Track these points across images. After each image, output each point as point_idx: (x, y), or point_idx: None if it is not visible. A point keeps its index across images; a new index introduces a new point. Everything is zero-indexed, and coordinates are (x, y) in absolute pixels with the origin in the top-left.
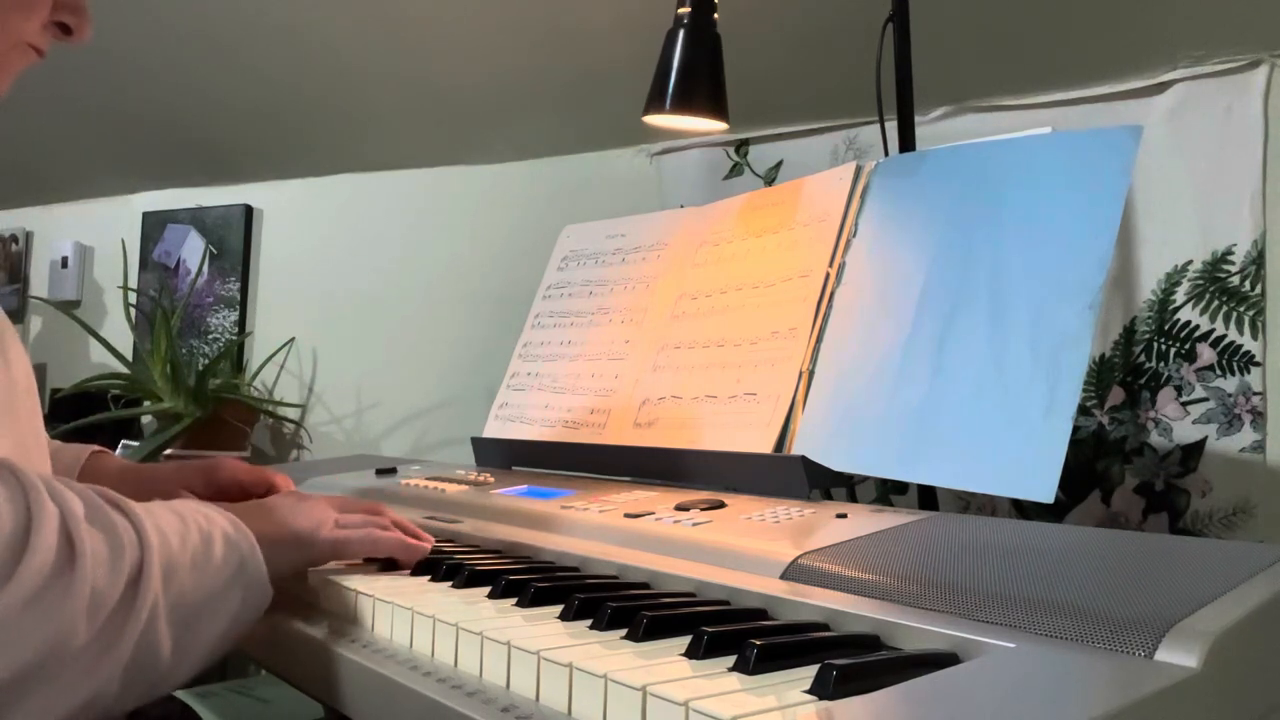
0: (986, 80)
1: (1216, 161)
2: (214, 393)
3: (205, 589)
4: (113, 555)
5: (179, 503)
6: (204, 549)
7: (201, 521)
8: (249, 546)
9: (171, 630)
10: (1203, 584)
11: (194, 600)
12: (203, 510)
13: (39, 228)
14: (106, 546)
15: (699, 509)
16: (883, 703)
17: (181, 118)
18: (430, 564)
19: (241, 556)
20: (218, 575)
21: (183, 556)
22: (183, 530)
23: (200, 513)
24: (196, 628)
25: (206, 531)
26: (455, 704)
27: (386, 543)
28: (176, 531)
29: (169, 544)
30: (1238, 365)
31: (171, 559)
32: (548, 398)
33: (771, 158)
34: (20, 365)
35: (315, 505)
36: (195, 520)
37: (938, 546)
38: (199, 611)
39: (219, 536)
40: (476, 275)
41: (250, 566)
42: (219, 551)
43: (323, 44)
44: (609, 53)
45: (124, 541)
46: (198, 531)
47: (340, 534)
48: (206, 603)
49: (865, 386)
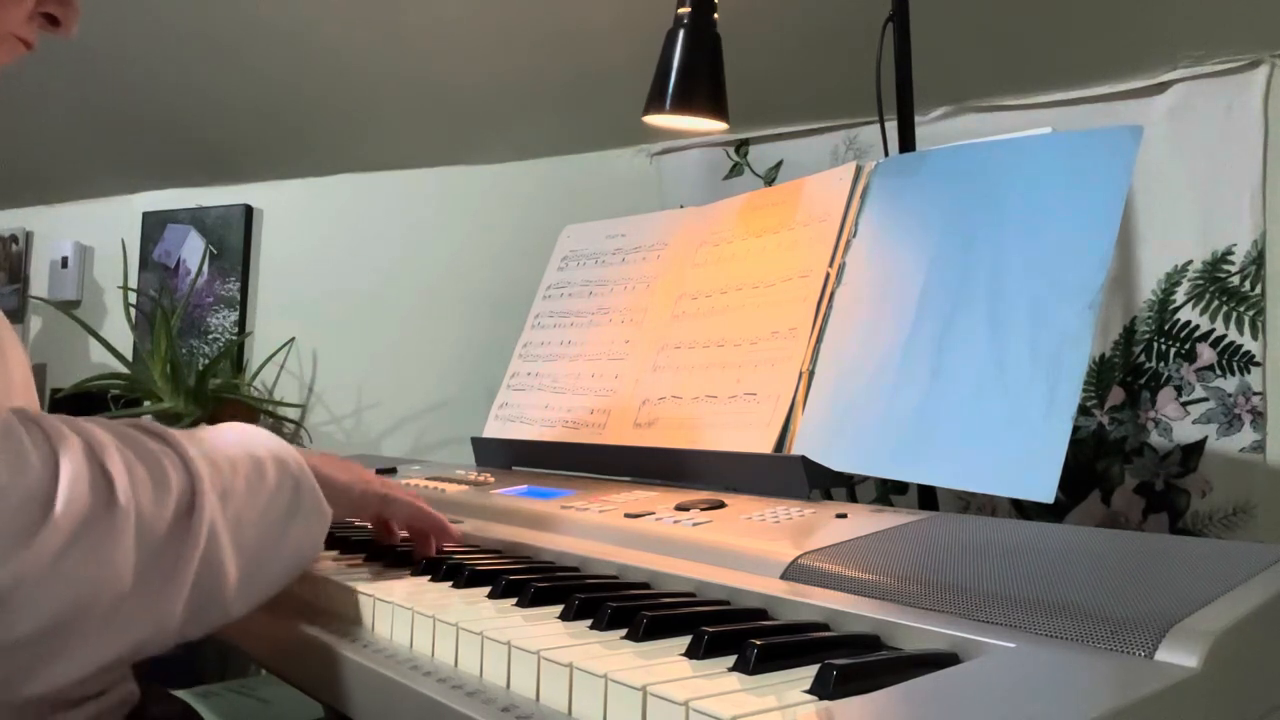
0: (986, 80)
1: (1216, 161)
2: (214, 393)
3: (262, 510)
4: (155, 483)
5: (224, 426)
6: (256, 471)
7: (249, 444)
8: (299, 468)
9: (236, 554)
10: (1203, 584)
11: (253, 522)
12: (248, 432)
13: (39, 228)
14: (147, 475)
15: (699, 509)
16: (883, 703)
17: (181, 118)
18: (430, 564)
19: (295, 479)
20: (274, 496)
21: (235, 478)
22: (231, 453)
23: (247, 434)
24: (260, 549)
25: (256, 454)
26: (455, 704)
27: (431, 516)
28: (224, 455)
29: (219, 466)
30: (1238, 365)
31: (224, 480)
32: (548, 398)
33: (771, 158)
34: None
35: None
36: (242, 443)
37: (938, 546)
38: (260, 532)
39: (269, 459)
40: (476, 275)
41: (305, 488)
42: (271, 473)
43: (323, 44)
44: (609, 53)
45: (167, 467)
46: (246, 454)
47: (387, 490)
48: (266, 524)
49: (865, 386)
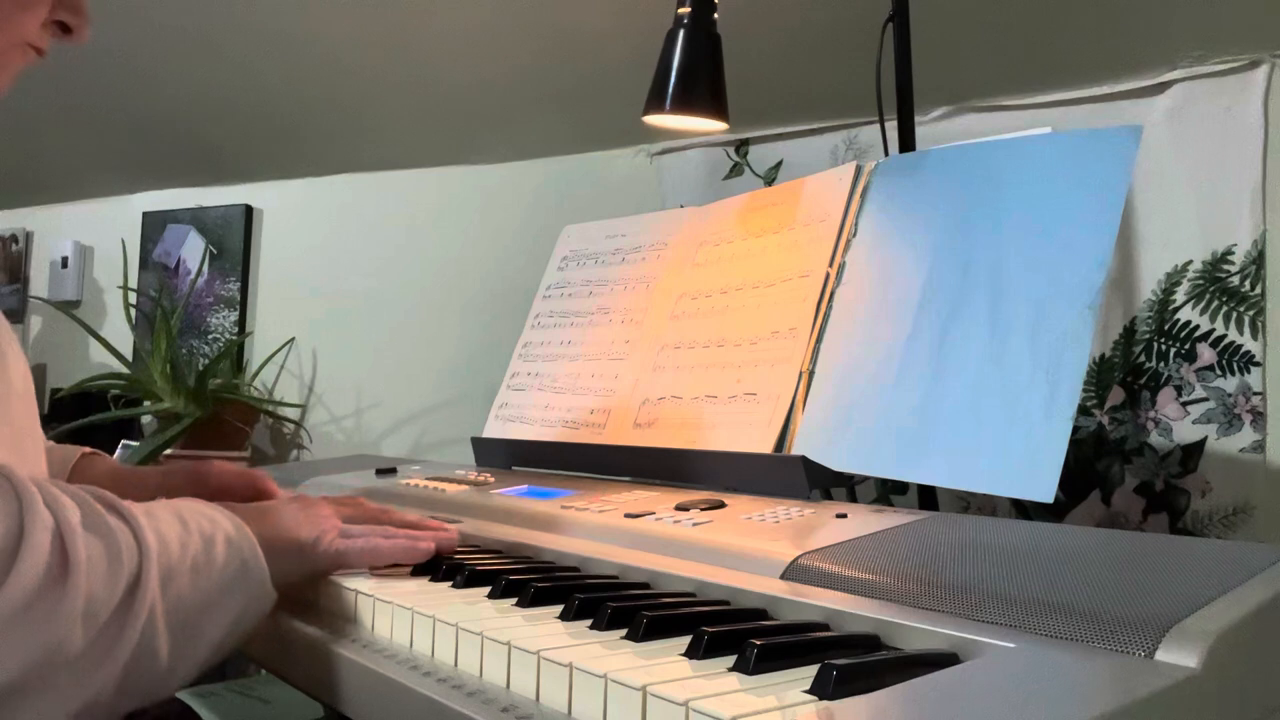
0: (986, 80)
1: (1216, 161)
2: (214, 393)
3: (204, 593)
4: (110, 562)
5: (182, 503)
6: (205, 552)
7: (204, 524)
8: (251, 550)
9: (169, 635)
10: (1203, 584)
11: (192, 604)
12: (205, 512)
13: (39, 228)
14: (104, 553)
15: (699, 509)
16: (883, 703)
17: (181, 118)
18: (430, 564)
19: (243, 559)
20: (218, 579)
21: (183, 561)
22: (183, 534)
23: (203, 514)
24: (196, 632)
25: (209, 534)
26: (455, 704)
27: (389, 551)
28: (177, 535)
29: (169, 548)
30: (1238, 365)
31: (170, 564)
32: (548, 398)
33: (771, 158)
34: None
35: (319, 513)
36: (197, 522)
37: (938, 546)
38: (198, 616)
39: (221, 539)
40: (476, 275)
41: (252, 569)
42: (220, 555)
43: (323, 44)
44: (609, 53)
45: (121, 547)
46: (199, 534)
47: (341, 544)
48: (206, 607)
49: (865, 386)
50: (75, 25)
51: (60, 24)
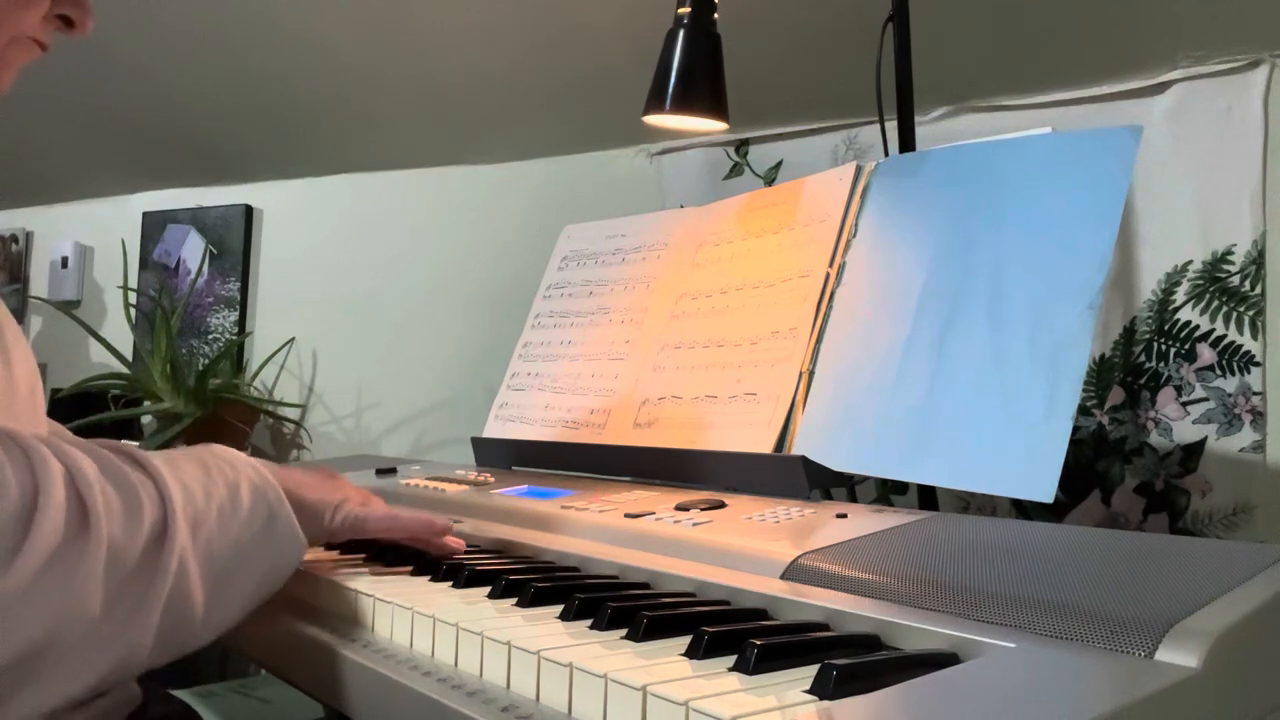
0: (986, 80)
1: (1216, 161)
2: (214, 393)
3: (234, 539)
4: (129, 512)
5: (202, 449)
6: (230, 499)
7: (227, 470)
8: (276, 497)
9: (204, 582)
10: (1203, 584)
11: (223, 550)
12: (226, 458)
13: (39, 228)
14: (121, 503)
15: (699, 509)
16: (883, 703)
17: (181, 118)
18: (430, 564)
19: (270, 507)
20: (246, 524)
21: (209, 507)
22: (206, 480)
23: (225, 460)
24: (229, 577)
25: (232, 480)
26: (455, 704)
27: (409, 522)
28: (200, 482)
29: (193, 495)
30: (1238, 365)
31: (197, 510)
32: (548, 398)
33: (771, 158)
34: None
35: (341, 482)
36: (219, 468)
37: (938, 546)
38: (231, 562)
39: (245, 485)
40: (476, 275)
41: (280, 517)
42: (246, 501)
43: (323, 44)
44: (609, 53)
45: (142, 496)
46: (223, 481)
47: (362, 510)
48: (237, 552)
49: (865, 386)
50: (77, 18)
51: (62, 18)
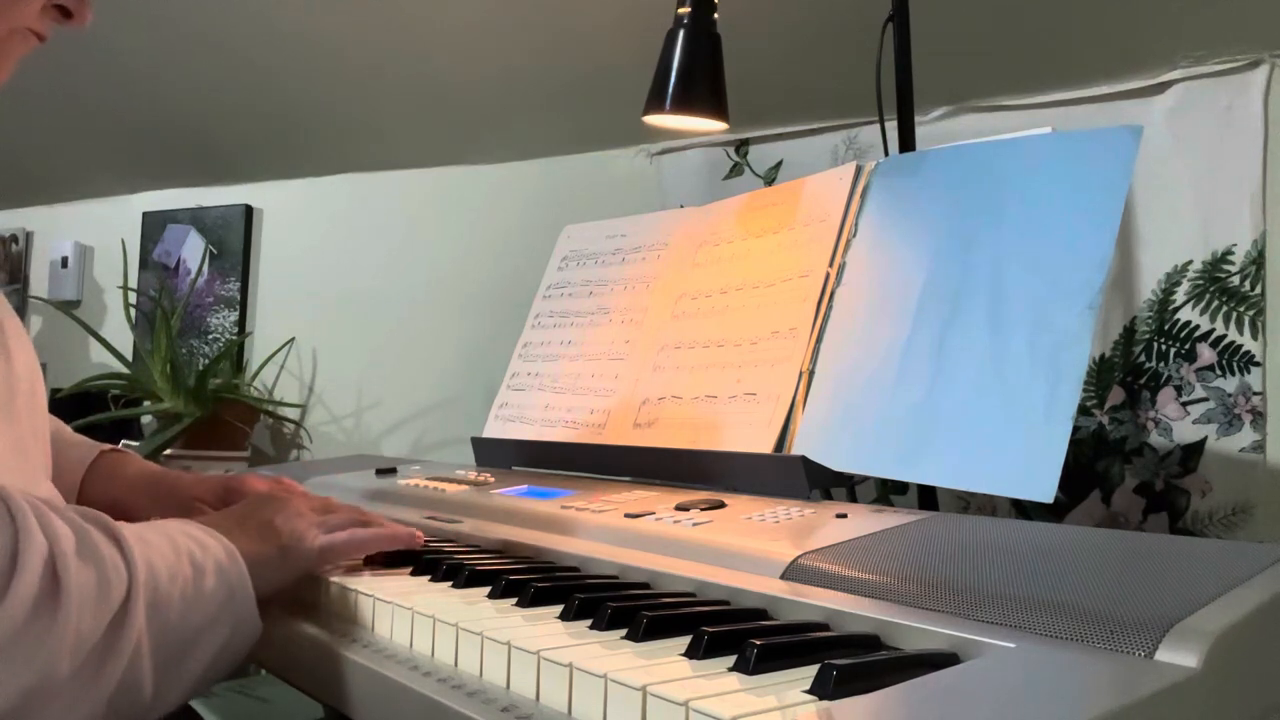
0: (986, 80)
1: (1216, 161)
2: (214, 393)
3: (192, 623)
4: (100, 591)
5: (175, 526)
6: (195, 581)
7: (195, 552)
8: (239, 579)
9: (154, 665)
10: (1203, 584)
11: (178, 635)
12: (197, 537)
13: (39, 228)
14: (94, 582)
15: (699, 509)
16: (883, 703)
17: (181, 118)
18: (430, 564)
19: (231, 588)
20: (206, 608)
21: (171, 589)
22: (174, 562)
23: (195, 540)
24: (180, 663)
25: (200, 563)
26: (455, 704)
27: (373, 540)
28: (167, 564)
29: (158, 577)
30: (1238, 365)
31: (159, 593)
32: (548, 398)
33: (771, 158)
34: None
35: (298, 512)
36: (189, 550)
37: (938, 546)
38: (184, 647)
39: (211, 569)
40: (476, 275)
41: (239, 598)
42: (210, 584)
43: (323, 44)
44: (609, 53)
45: (111, 576)
46: (190, 563)
47: (325, 540)
48: (192, 638)
49: (865, 386)
50: (75, 9)
51: (60, 8)
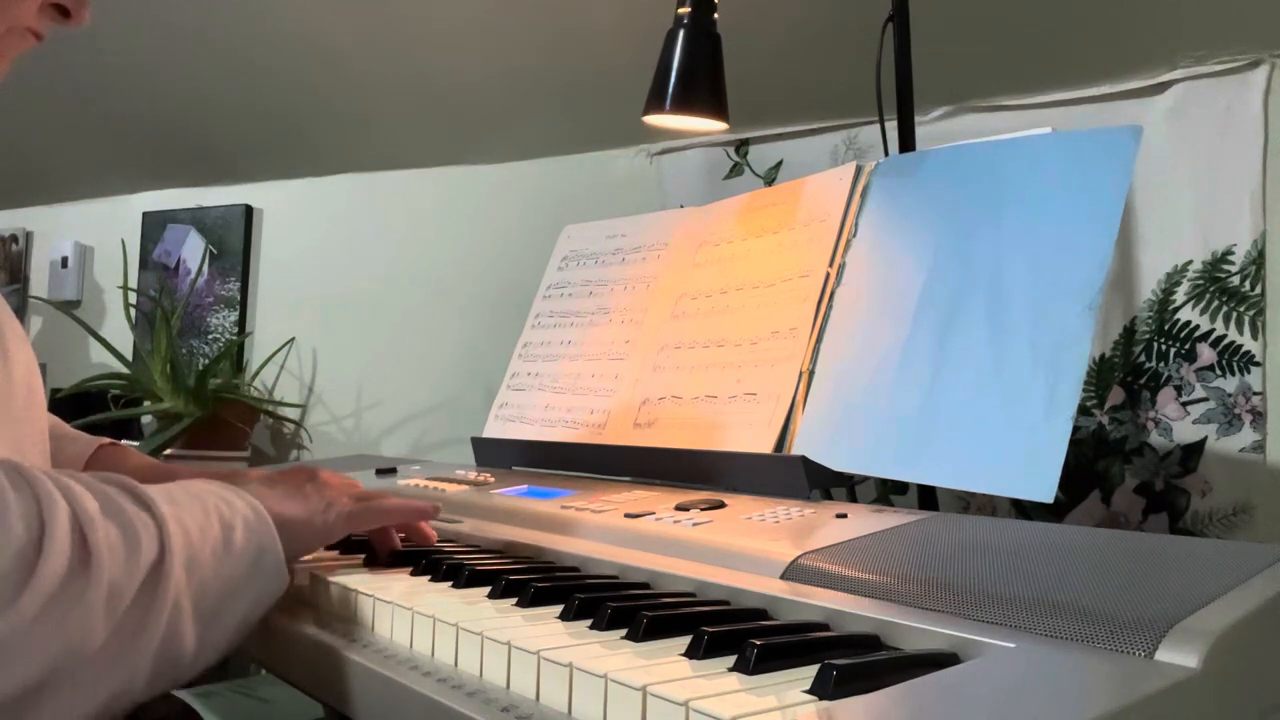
0: (986, 80)
1: (1216, 161)
2: (214, 393)
3: (226, 578)
4: (129, 550)
5: (200, 485)
6: (224, 538)
7: (223, 508)
8: (268, 534)
9: (195, 620)
10: (1203, 584)
11: (215, 589)
12: (224, 496)
13: (39, 228)
14: (122, 541)
15: (699, 509)
16: (883, 703)
17: (181, 118)
18: (430, 564)
19: (261, 544)
20: (238, 564)
21: (203, 546)
22: (204, 519)
23: (222, 498)
24: (218, 616)
25: (228, 519)
26: (455, 704)
27: (398, 510)
28: (197, 521)
29: (190, 534)
30: (1238, 365)
31: (193, 549)
32: (548, 398)
33: (771, 158)
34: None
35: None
36: (217, 507)
37: (938, 546)
38: (220, 600)
39: (240, 524)
40: (476, 275)
41: (269, 553)
42: (239, 539)
43: (323, 44)
44: (609, 53)
45: (141, 535)
46: (218, 519)
47: (353, 506)
48: (228, 591)
49: (865, 386)
50: (73, 9)
51: (58, 7)
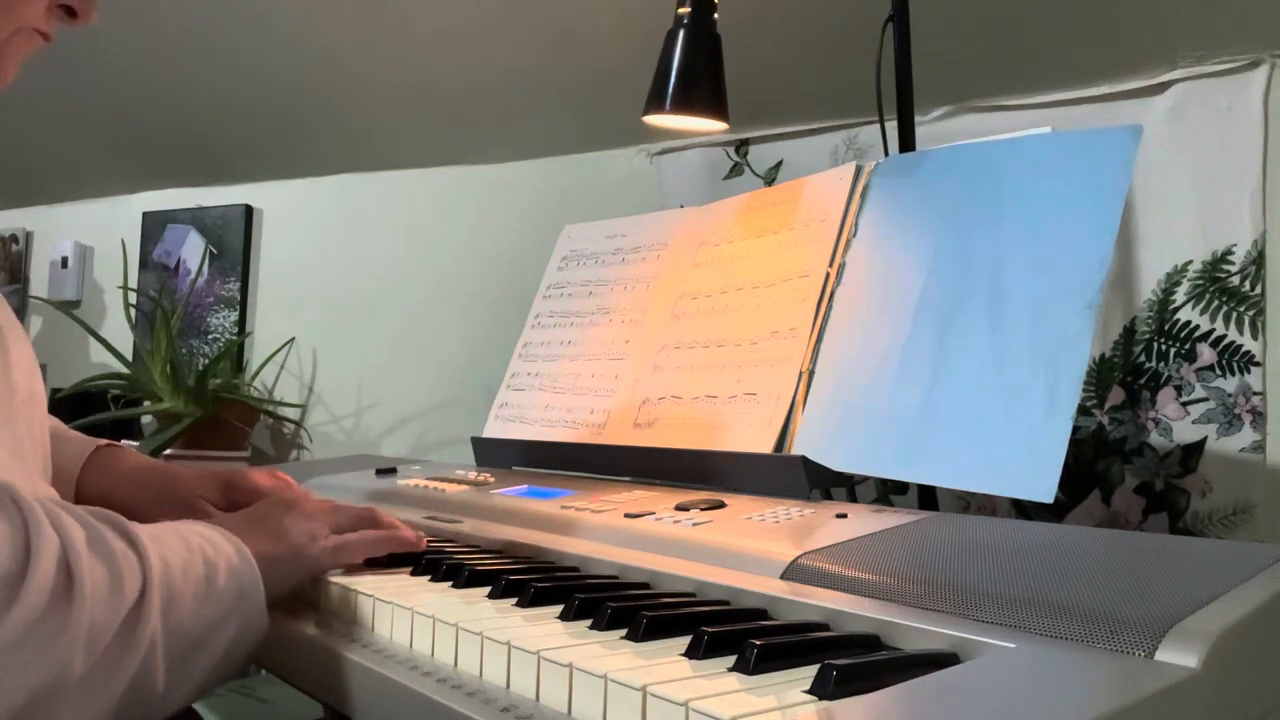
0: (986, 80)
1: (1216, 161)
2: (214, 393)
3: (204, 620)
4: (113, 586)
5: (185, 526)
6: (207, 580)
7: (208, 550)
8: (251, 578)
9: (167, 661)
10: (1203, 584)
11: (192, 631)
12: (210, 537)
13: (39, 228)
14: (107, 577)
15: (699, 509)
16: (883, 703)
17: (181, 118)
18: (430, 564)
19: (242, 588)
20: (218, 606)
21: (185, 587)
22: (187, 559)
23: (207, 540)
24: (192, 658)
25: (212, 561)
26: (455, 704)
27: (383, 541)
28: (180, 561)
29: (172, 574)
30: (1238, 365)
31: (173, 589)
32: (548, 398)
33: (771, 158)
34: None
35: (308, 514)
36: (201, 548)
37: (938, 546)
38: (196, 643)
39: (224, 567)
40: (476, 275)
41: (251, 597)
42: (222, 583)
43: (323, 44)
44: (609, 53)
45: (124, 571)
46: (202, 561)
47: (336, 541)
48: (204, 634)
49: (865, 386)
50: (80, 8)
51: (65, 8)
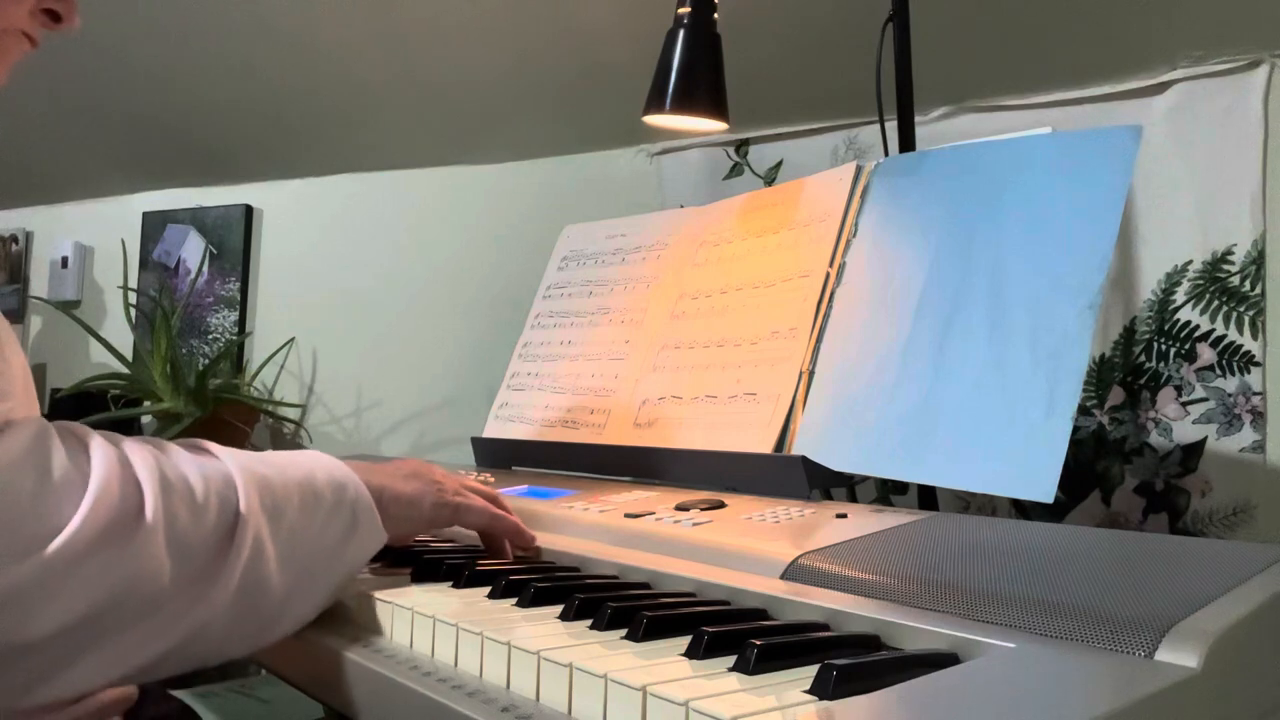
0: (986, 80)
1: (1216, 161)
2: (214, 393)
3: (316, 528)
4: (192, 492)
5: (280, 454)
6: (307, 486)
7: (300, 459)
8: (355, 488)
9: (284, 570)
10: (1203, 584)
11: (308, 542)
12: (304, 456)
13: (39, 228)
14: (184, 485)
15: (699, 509)
16: (883, 703)
17: (181, 118)
18: (430, 564)
19: (353, 504)
20: (331, 517)
21: (288, 499)
22: (280, 470)
23: (302, 457)
24: (311, 568)
25: (307, 469)
26: (455, 704)
27: (504, 521)
28: (274, 471)
29: (270, 487)
30: (1238, 365)
31: (275, 499)
32: (548, 398)
33: (771, 158)
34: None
35: (433, 472)
36: (292, 459)
37: (938, 546)
38: (311, 551)
39: (322, 476)
40: (476, 275)
41: (361, 510)
42: (328, 498)
43: (323, 44)
44: (609, 53)
45: (208, 479)
46: (295, 469)
47: (462, 500)
48: (319, 543)
49: (865, 386)
50: (64, 12)
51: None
